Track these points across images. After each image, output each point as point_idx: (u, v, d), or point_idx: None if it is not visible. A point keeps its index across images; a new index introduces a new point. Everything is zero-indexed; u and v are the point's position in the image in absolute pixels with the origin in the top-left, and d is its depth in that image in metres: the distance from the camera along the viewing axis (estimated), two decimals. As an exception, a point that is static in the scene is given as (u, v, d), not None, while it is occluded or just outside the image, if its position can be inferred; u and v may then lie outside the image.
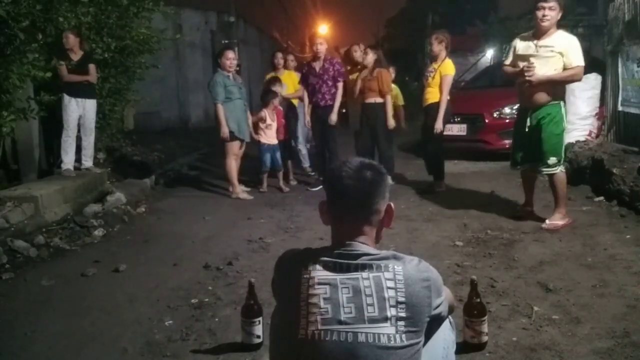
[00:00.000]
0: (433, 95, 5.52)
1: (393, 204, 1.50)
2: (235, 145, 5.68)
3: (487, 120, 7.42)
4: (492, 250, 3.72)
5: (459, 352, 2.08)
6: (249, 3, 16.08)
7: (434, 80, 5.50)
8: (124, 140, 7.73)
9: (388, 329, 1.31)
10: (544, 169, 4.21)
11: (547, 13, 3.97)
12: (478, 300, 2.39)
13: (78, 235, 4.39)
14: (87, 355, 2.51)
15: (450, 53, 5.61)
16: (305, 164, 6.75)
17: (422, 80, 5.72)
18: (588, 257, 3.50)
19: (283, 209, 5.23)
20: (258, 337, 2.46)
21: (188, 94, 12.51)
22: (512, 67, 4.27)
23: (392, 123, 5.83)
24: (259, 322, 2.45)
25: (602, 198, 4.86)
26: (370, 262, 1.37)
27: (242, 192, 5.81)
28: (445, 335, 1.60)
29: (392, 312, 1.32)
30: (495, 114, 7.45)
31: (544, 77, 4.01)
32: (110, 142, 7.17)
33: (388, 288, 1.34)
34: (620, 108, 6.17)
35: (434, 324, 1.48)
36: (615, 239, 3.81)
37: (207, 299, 3.08)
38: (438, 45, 5.50)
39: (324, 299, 1.33)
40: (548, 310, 2.74)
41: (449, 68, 5.46)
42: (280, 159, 6.12)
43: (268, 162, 5.98)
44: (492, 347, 2.40)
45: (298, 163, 6.74)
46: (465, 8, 23.12)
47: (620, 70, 6.11)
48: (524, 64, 4.03)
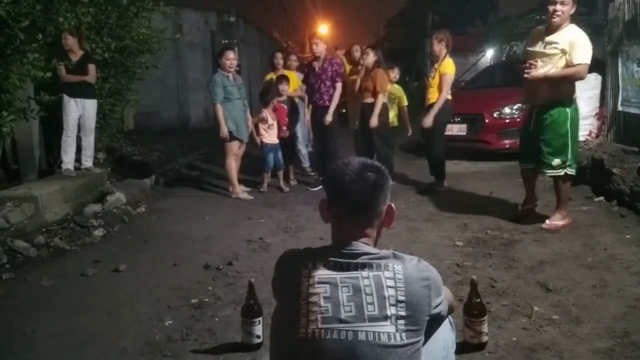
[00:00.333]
0: (434, 95, 5.52)
1: (394, 204, 1.50)
2: (235, 145, 5.68)
3: (487, 120, 7.41)
4: (492, 250, 3.72)
5: (459, 352, 2.08)
6: (249, 3, 16.08)
7: (434, 80, 5.49)
8: (124, 140, 7.73)
9: (388, 328, 1.31)
10: (547, 171, 4.10)
11: (558, 8, 3.82)
12: (478, 300, 2.40)
13: (78, 235, 4.39)
14: (87, 355, 2.51)
15: (450, 53, 5.60)
16: (305, 164, 6.76)
17: (422, 81, 5.69)
18: (588, 257, 3.50)
19: (283, 209, 5.23)
20: (258, 337, 2.46)
21: (188, 94, 12.51)
22: (522, 61, 4.11)
23: (374, 122, 5.60)
24: (259, 322, 2.45)
25: (602, 198, 4.86)
26: (370, 261, 1.38)
27: (242, 192, 5.81)
28: (445, 335, 1.60)
29: (392, 310, 1.32)
30: (495, 114, 7.45)
31: (541, 75, 3.90)
32: (110, 142, 7.16)
33: (388, 287, 1.34)
34: (620, 108, 6.17)
35: (434, 324, 1.49)
36: (615, 239, 3.81)
37: (207, 299, 3.08)
38: (438, 45, 5.49)
39: (324, 298, 1.34)
40: (548, 310, 2.74)
41: (448, 67, 5.45)
42: (282, 159, 6.13)
43: (271, 162, 5.97)
44: (492, 347, 2.40)
45: (298, 163, 6.74)
46: (465, 8, 23.10)
47: (620, 70, 6.12)
48: (530, 61, 3.93)
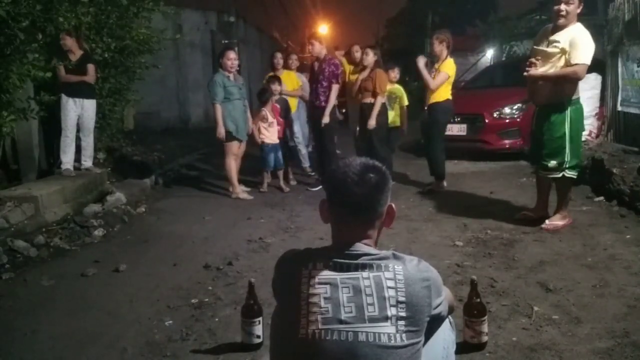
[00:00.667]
0: (435, 95, 5.52)
1: (394, 205, 1.50)
2: (234, 145, 5.68)
3: (487, 120, 7.42)
4: (492, 250, 3.72)
5: (459, 352, 2.08)
6: (249, 3, 16.07)
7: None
8: (124, 140, 7.73)
9: (388, 329, 1.31)
10: (544, 172, 4.10)
11: (563, 8, 3.78)
12: (478, 300, 2.40)
13: (78, 235, 4.39)
14: (87, 355, 2.51)
15: (451, 53, 5.60)
16: (305, 164, 6.75)
17: (422, 81, 5.68)
18: (588, 257, 3.50)
19: (283, 209, 5.23)
20: (258, 337, 2.46)
21: (188, 94, 12.51)
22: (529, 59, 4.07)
23: (372, 124, 5.59)
24: (259, 322, 2.45)
25: (602, 198, 4.86)
26: (371, 261, 1.38)
27: (242, 192, 5.81)
28: (445, 335, 1.60)
29: (392, 311, 1.32)
30: (495, 114, 7.46)
31: (538, 74, 3.88)
32: (110, 142, 7.17)
33: (388, 287, 1.34)
34: (620, 108, 6.18)
35: (434, 324, 1.49)
36: (615, 239, 3.81)
37: (207, 299, 3.08)
38: (439, 45, 5.48)
39: (325, 299, 1.33)
40: (548, 310, 2.74)
41: (447, 67, 5.45)
42: (282, 158, 6.12)
43: (271, 161, 5.97)
44: (492, 347, 2.40)
45: (298, 163, 6.74)
46: (465, 8, 23.10)
47: (620, 70, 6.12)
48: (530, 60, 3.92)
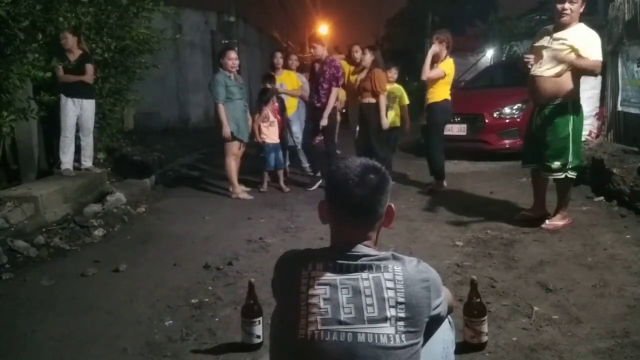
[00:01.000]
0: (434, 95, 5.52)
1: (393, 205, 1.50)
2: (235, 146, 5.67)
3: (487, 120, 7.42)
4: (492, 250, 3.72)
5: (459, 352, 2.08)
6: (249, 3, 16.07)
7: (434, 81, 5.49)
8: (124, 140, 7.73)
9: (388, 329, 1.31)
10: (546, 173, 4.07)
11: (567, 7, 3.72)
12: (478, 300, 2.39)
13: (78, 235, 4.39)
14: (87, 355, 2.51)
15: (451, 53, 5.60)
16: (305, 164, 6.75)
17: (422, 80, 5.68)
18: (588, 257, 3.50)
19: (283, 209, 5.22)
20: (258, 337, 2.46)
21: (188, 94, 12.51)
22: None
23: (385, 122, 5.63)
24: (259, 322, 2.45)
25: (602, 198, 4.86)
26: (370, 262, 1.37)
27: (242, 192, 5.80)
28: (445, 335, 1.60)
29: (391, 312, 1.32)
30: (495, 114, 7.46)
31: (564, 57, 3.75)
32: (110, 142, 7.17)
33: (387, 289, 1.34)
34: (620, 108, 6.18)
35: (433, 324, 1.49)
36: (615, 239, 3.81)
37: (207, 299, 3.08)
38: (439, 45, 5.48)
39: (324, 299, 1.33)
40: (548, 310, 2.74)
41: (446, 66, 5.44)
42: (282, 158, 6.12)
43: (272, 161, 5.96)
44: (492, 347, 2.40)
45: (298, 163, 6.74)
46: (465, 8, 23.10)
47: (620, 70, 6.12)
48: (526, 55, 3.88)
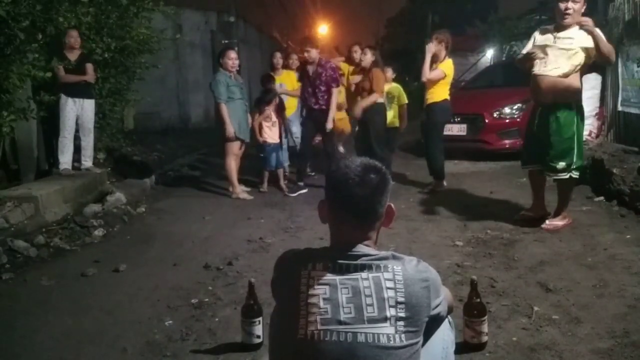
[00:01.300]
0: (433, 95, 5.52)
1: (393, 205, 1.50)
2: (236, 145, 5.67)
3: (487, 120, 7.42)
4: (492, 250, 3.72)
5: (459, 352, 2.08)
6: (249, 3, 16.07)
7: (433, 81, 5.49)
8: (124, 140, 7.72)
9: (387, 329, 1.31)
10: (551, 174, 4.03)
11: (570, 6, 3.69)
12: (478, 300, 2.39)
13: (78, 235, 4.39)
14: (87, 355, 2.51)
15: (451, 53, 5.60)
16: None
17: (421, 81, 5.68)
18: (588, 257, 3.49)
19: (283, 209, 5.22)
20: (258, 337, 2.46)
21: (188, 94, 12.51)
22: (526, 57, 3.98)
23: (363, 104, 5.52)
24: (259, 322, 2.45)
25: (602, 198, 4.85)
26: (370, 262, 1.38)
27: (242, 192, 5.80)
28: (445, 335, 1.60)
29: (391, 312, 1.32)
30: (495, 114, 7.46)
31: (590, 27, 3.67)
32: (110, 142, 7.16)
33: (387, 288, 1.34)
34: (620, 108, 6.18)
35: (433, 324, 1.48)
36: (615, 239, 3.80)
37: (207, 299, 3.08)
38: (438, 46, 5.47)
39: (324, 299, 1.33)
40: (548, 310, 2.74)
41: (446, 67, 5.44)
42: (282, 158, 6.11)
43: (273, 161, 5.96)
44: (492, 347, 2.40)
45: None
46: (465, 8, 23.09)
47: (620, 70, 6.12)
48: (533, 51, 3.81)
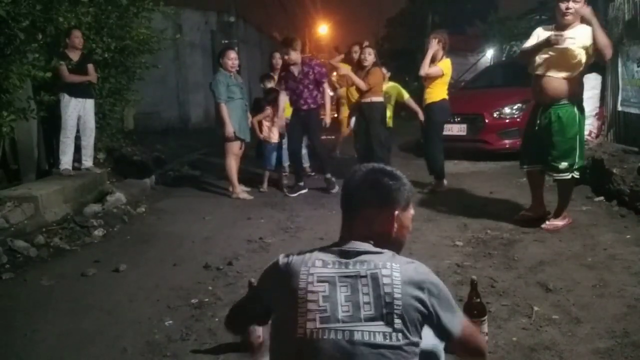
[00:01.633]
0: (432, 95, 5.53)
1: (410, 212, 1.50)
2: (236, 145, 5.67)
3: (487, 120, 7.41)
4: (492, 250, 3.72)
5: (459, 352, 2.07)
6: (249, 3, 16.11)
7: (431, 80, 5.49)
8: (124, 140, 7.73)
9: (384, 328, 1.31)
10: (554, 174, 4.01)
11: (571, 6, 3.67)
12: (478, 300, 2.39)
13: (78, 235, 4.39)
14: (87, 355, 2.51)
15: (450, 53, 5.60)
16: (305, 164, 6.75)
17: (420, 77, 5.68)
18: (588, 257, 3.49)
19: (283, 209, 5.22)
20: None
21: (188, 94, 12.52)
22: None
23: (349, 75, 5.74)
24: (259, 322, 2.44)
25: (602, 198, 4.85)
26: (369, 259, 1.38)
27: (242, 192, 5.80)
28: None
29: (388, 310, 1.32)
30: (495, 114, 7.46)
31: (589, 14, 3.62)
32: (110, 142, 7.17)
33: (384, 285, 1.33)
34: (620, 108, 6.17)
35: (435, 330, 1.44)
36: (615, 239, 3.80)
37: (207, 299, 3.08)
38: (435, 45, 5.49)
39: (323, 297, 1.33)
40: (548, 310, 2.74)
41: (444, 66, 5.45)
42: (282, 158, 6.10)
43: (273, 161, 5.95)
44: (492, 347, 2.40)
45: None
46: (465, 8, 23.08)
47: (620, 70, 6.11)
48: (554, 34, 3.70)
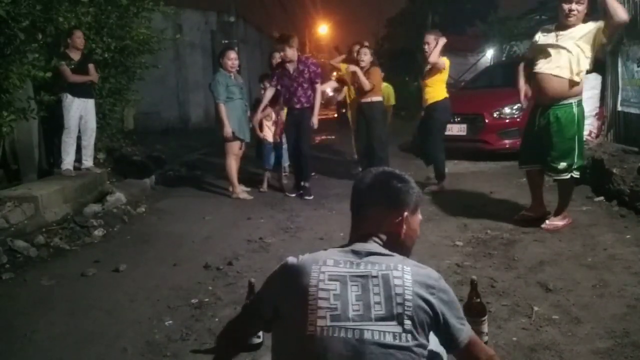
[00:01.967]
0: (434, 95, 5.54)
1: (418, 217, 1.54)
2: (236, 145, 5.67)
3: (487, 120, 7.42)
4: (492, 250, 3.72)
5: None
6: (249, 3, 16.12)
7: (430, 79, 5.52)
8: (124, 140, 7.74)
9: (394, 328, 1.31)
10: (553, 174, 4.01)
11: (574, 7, 3.59)
12: (478, 300, 2.39)
13: (78, 235, 4.39)
14: (87, 355, 2.51)
15: (450, 53, 5.62)
16: (284, 164, 6.70)
17: (420, 81, 5.70)
18: (588, 257, 3.49)
19: (283, 209, 5.23)
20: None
21: (188, 94, 12.53)
22: (528, 56, 3.96)
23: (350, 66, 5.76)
24: (259, 322, 2.44)
25: (602, 198, 4.85)
26: (380, 260, 1.38)
27: (242, 192, 5.80)
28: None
29: (398, 310, 1.32)
30: (495, 114, 7.46)
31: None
32: (110, 142, 7.17)
33: (396, 286, 1.34)
34: (620, 108, 6.17)
35: (441, 337, 1.44)
36: (615, 239, 3.80)
37: (207, 299, 3.08)
38: (444, 39, 5.51)
39: (334, 295, 1.33)
40: (548, 310, 2.74)
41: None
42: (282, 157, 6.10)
43: (272, 160, 5.95)
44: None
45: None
46: (465, 8, 23.09)
47: (620, 70, 6.11)
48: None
